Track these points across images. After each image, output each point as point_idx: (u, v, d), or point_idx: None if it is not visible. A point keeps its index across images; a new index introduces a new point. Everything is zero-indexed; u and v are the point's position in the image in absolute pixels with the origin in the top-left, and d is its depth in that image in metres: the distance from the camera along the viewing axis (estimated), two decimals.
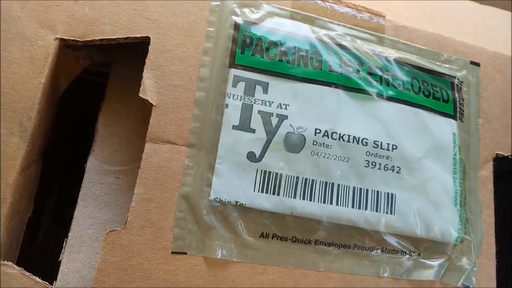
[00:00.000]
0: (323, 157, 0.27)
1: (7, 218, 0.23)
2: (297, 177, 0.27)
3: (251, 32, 0.28)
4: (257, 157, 0.27)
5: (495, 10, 0.40)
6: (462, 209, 0.30)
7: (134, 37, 0.27)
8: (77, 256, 0.24)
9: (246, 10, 0.29)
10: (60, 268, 0.24)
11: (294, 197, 0.27)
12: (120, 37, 0.27)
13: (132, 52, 0.29)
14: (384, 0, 0.34)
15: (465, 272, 0.29)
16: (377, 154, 0.28)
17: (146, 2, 0.28)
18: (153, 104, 0.26)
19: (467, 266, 0.29)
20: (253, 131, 0.27)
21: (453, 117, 0.31)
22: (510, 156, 0.33)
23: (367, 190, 0.28)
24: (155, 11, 0.28)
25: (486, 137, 0.32)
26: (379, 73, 0.30)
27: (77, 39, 0.26)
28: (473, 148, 0.32)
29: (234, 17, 0.29)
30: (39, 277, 0.23)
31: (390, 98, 0.30)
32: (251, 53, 0.28)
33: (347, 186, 0.28)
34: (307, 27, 0.30)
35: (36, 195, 0.27)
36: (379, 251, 0.28)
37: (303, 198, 0.27)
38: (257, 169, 0.26)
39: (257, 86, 0.28)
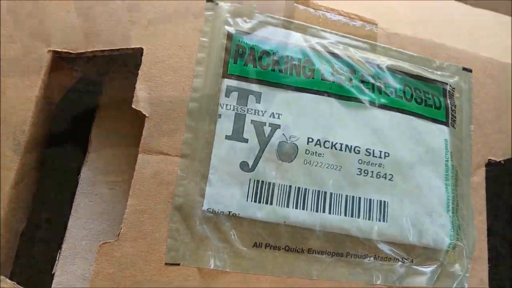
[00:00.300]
0: (316, 166, 0.28)
1: (1, 233, 0.24)
2: (290, 186, 0.27)
3: (244, 42, 0.29)
4: (250, 166, 0.27)
5: (490, 13, 0.40)
6: (454, 216, 0.30)
7: (127, 49, 0.27)
8: (71, 268, 0.24)
9: (239, 19, 0.29)
10: (54, 280, 0.24)
11: (287, 206, 0.27)
12: (113, 48, 0.27)
13: (126, 62, 0.29)
14: (382, 0, 0.34)
15: (458, 278, 0.29)
16: (369, 162, 0.29)
17: (139, 13, 0.28)
18: (146, 115, 0.26)
19: (459, 272, 0.30)
20: (246, 140, 0.27)
21: (445, 123, 0.31)
22: (502, 162, 0.33)
23: (359, 198, 0.28)
24: (148, 22, 0.28)
25: (478, 143, 0.33)
26: (372, 81, 0.30)
27: (70, 51, 0.26)
28: (465, 154, 0.32)
29: (227, 27, 0.29)
30: None
31: (382, 106, 0.30)
32: (244, 62, 0.28)
33: (339, 194, 0.28)
34: (300, 36, 0.30)
35: (32, 206, 0.27)
36: (371, 258, 0.28)
37: (296, 207, 0.27)
38: (250, 179, 0.27)
39: (250, 95, 0.28)
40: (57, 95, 0.28)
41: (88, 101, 0.31)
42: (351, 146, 0.28)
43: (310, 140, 0.28)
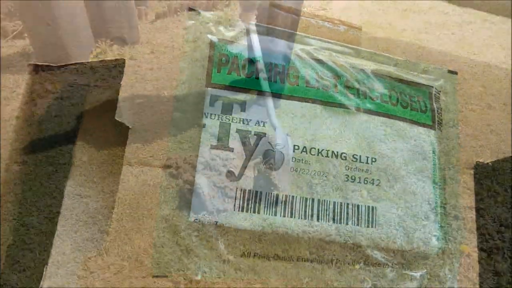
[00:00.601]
0: (303, 173, 0.28)
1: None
2: (277, 194, 0.27)
3: (227, 50, 0.29)
4: (236, 175, 0.27)
5: (478, 13, 0.40)
6: (443, 218, 0.30)
7: (109, 60, 0.27)
8: (57, 282, 0.24)
9: (221, 28, 0.29)
10: None
11: (275, 215, 0.27)
12: (94, 60, 0.27)
13: (109, 74, 0.29)
14: (368, 0, 0.34)
15: (448, 281, 0.29)
16: (356, 167, 0.29)
17: (120, 25, 0.27)
18: (129, 126, 0.26)
19: (449, 275, 0.29)
20: (232, 149, 0.27)
21: (432, 126, 0.32)
22: (490, 163, 0.33)
23: (347, 204, 0.28)
24: (129, 32, 0.27)
25: (465, 144, 0.33)
26: (357, 86, 0.30)
27: (51, 64, 0.26)
28: (453, 156, 0.32)
29: (209, 36, 0.29)
30: None
31: (368, 111, 0.30)
32: (227, 71, 0.28)
33: (327, 201, 0.28)
34: (284, 43, 0.30)
35: (19, 218, 0.27)
36: (361, 264, 0.28)
37: (284, 215, 0.27)
38: (237, 188, 0.26)
39: (234, 104, 0.28)
40: (39, 108, 0.28)
41: (72, 111, 0.30)
42: (337, 153, 0.28)
43: (296, 147, 0.28)
